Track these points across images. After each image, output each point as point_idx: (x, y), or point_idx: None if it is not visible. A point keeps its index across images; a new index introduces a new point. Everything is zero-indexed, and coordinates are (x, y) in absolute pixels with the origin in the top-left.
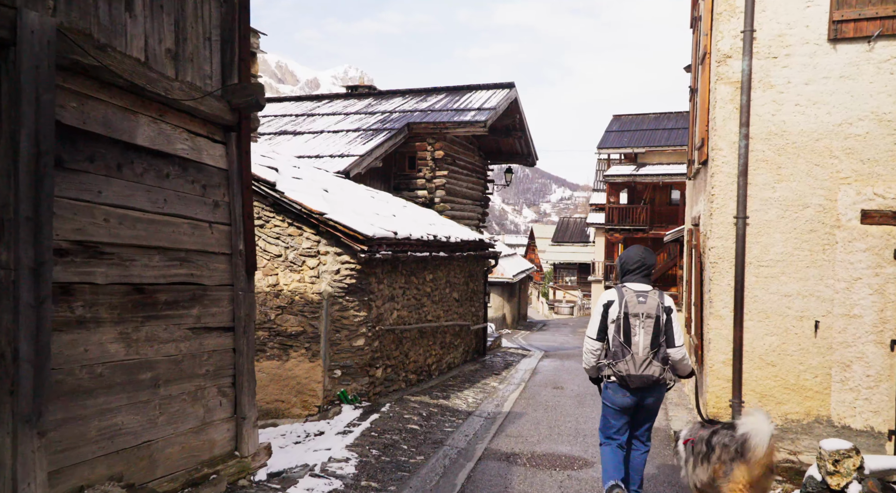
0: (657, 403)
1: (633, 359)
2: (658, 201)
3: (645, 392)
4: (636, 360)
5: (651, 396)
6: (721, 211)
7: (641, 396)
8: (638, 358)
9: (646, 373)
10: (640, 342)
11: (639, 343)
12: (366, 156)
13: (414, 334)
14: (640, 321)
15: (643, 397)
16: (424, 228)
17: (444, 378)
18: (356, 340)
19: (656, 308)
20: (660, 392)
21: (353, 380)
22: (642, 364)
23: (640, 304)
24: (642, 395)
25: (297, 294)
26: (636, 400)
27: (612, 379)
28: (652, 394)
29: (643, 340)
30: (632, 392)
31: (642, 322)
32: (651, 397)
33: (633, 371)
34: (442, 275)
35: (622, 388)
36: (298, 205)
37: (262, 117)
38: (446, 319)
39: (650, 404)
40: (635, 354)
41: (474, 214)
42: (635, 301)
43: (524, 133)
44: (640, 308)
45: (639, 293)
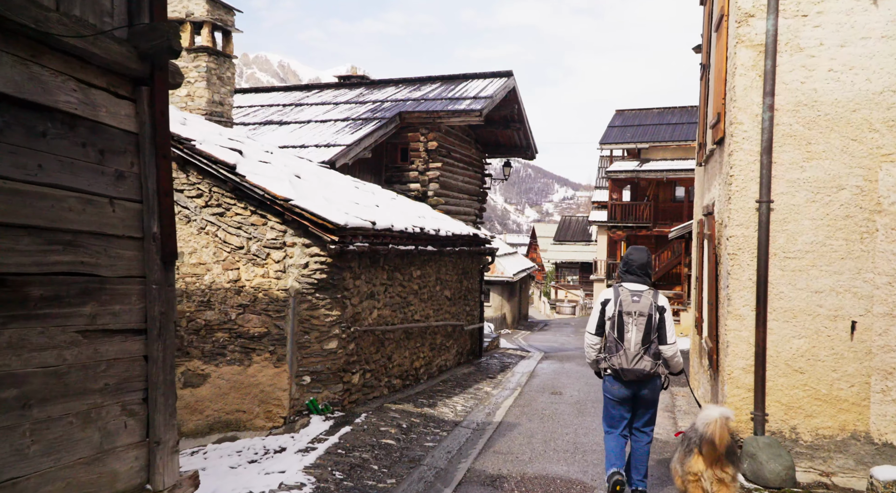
0: (652, 394)
1: (625, 354)
2: (662, 198)
3: (639, 384)
4: (628, 355)
5: (645, 388)
6: (741, 194)
7: (636, 387)
8: (630, 353)
9: (637, 367)
10: (632, 339)
11: (631, 339)
12: (353, 146)
13: (398, 335)
14: (633, 319)
15: (638, 388)
16: (411, 220)
17: (433, 383)
18: (328, 342)
19: (649, 307)
20: (654, 385)
21: (325, 387)
22: (634, 359)
23: (634, 303)
24: (637, 387)
25: (260, 291)
26: (632, 392)
27: (609, 372)
28: (646, 386)
29: (635, 336)
30: (626, 384)
31: (635, 320)
32: (645, 389)
33: (625, 365)
34: (431, 271)
35: (617, 380)
36: (261, 190)
37: (248, 107)
38: (436, 318)
39: (645, 396)
40: (627, 349)
41: (471, 209)
42: (630, 300)
43: (523, 124)
44: (633, 307)
45: (634, 293)
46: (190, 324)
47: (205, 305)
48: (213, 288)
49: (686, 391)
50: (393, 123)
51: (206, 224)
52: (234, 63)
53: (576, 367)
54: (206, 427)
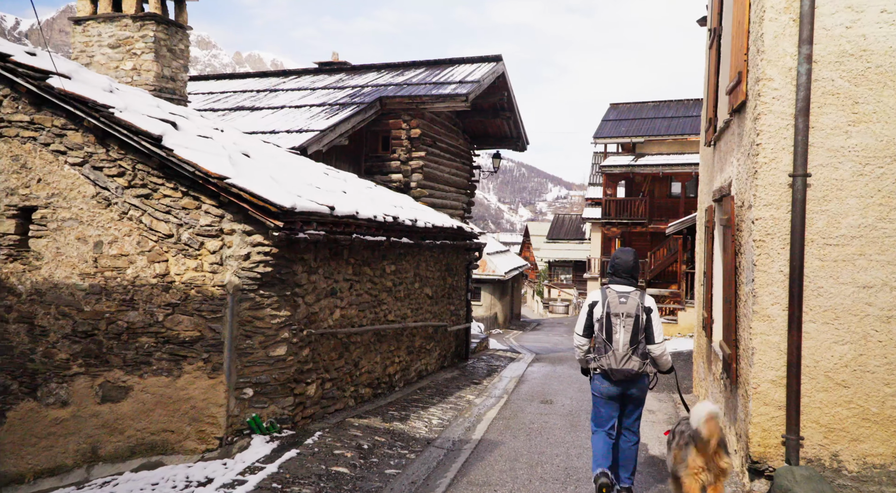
0: (640, 393)
1: (614, 354)
2: (657, 194)
3: (627, 384)
4: (617, 355)
5: (633, 387)
6: (770, 167)
7: (624, 387)
8: (619, 354)
9: (626, 367)
10: (620, 339)
11: (619, 340)
12: (327, 131)
13: (367, 338)
14: (621, 320)
15: (626, 387)
16: (384, 209)
17: (409, 391)
18: (275, 348)
19: (636, 308)
20: (642, 383)
21: (271, 401)
22: (622, 359)
23: (622, 304)
24: (625, 386)
25: (193, 287)
26: (620, 390)
27: (598, 372)
28: (634, 386)
29: (623, 337)
30: (615, 384)
31: (623, 321)
32: (633, 388)
33: (614, 365)
34: (408, 267)
35: (606, 380)
36: (191, 166)
37: (219, 93)
38: (415, 319)
39: (634, 395)
40: (616, 350)
41: (458, 203)
42: (617, 301)
43: (513, 113)
44: (621, 308)
45: (621, 294)
46: (109, 327)
47: (127, 304)
48: (136, 284)
49: (690, 399)
50: (373, 108)
51: (128, 208)
52: (188, 34)
53: (568, 370)
54: (128, 450)
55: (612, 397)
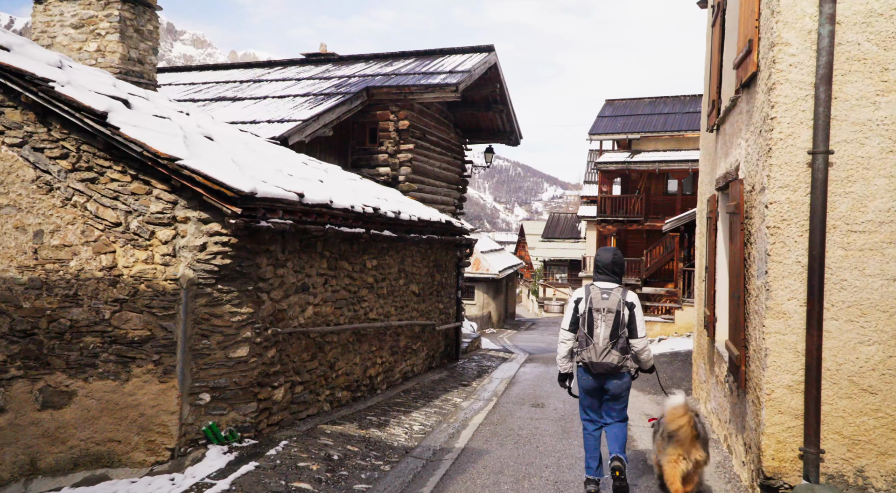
0: (621, 388)
1: (594, 348)
2: (654, 191)
3: (607, 377)
4: (597, 349)
5: (613, 381)
6: (786, 144)
7: (604, 380)
8: (598, 347)
9: (605, 361)
10: (600, 334)
11: (599, 334)
12: (310, 121)
13: (345, 337)
14: (602, 315)
15: (606, 381)
16: (365, 199)
17: (392, 393)
18: (235, 348)
19: (617, 304)
20: (622, 378)
21: (231, 408)
22: (602, 353)
23: (604, 300)
24: (605, 379)
25: (143, 281)
26: (599, 383)
27: (580, 365)
28: (613, 379)
29: (603, 331)
30: (595, 377)
31: (603, 316)
32: (613, 381)
33: (594, 359)
34: (392, 262)
35: (587, 373)
36: (139, 145)
37: (201, 84)
38: (399, 317)
39: (613, 388)
40: (596, 344)
41: (449, 198)
42: (599, 298)
43: (506, 106)
44: (602, 304)
45: (603, 290)
46: (51, 325)
47: (70, 300)
48: (81, 278)
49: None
50: (359, 98)
51: (72, 194)
52: (158, 15)
53: None
54: (70, 462)
55: (593, 390)
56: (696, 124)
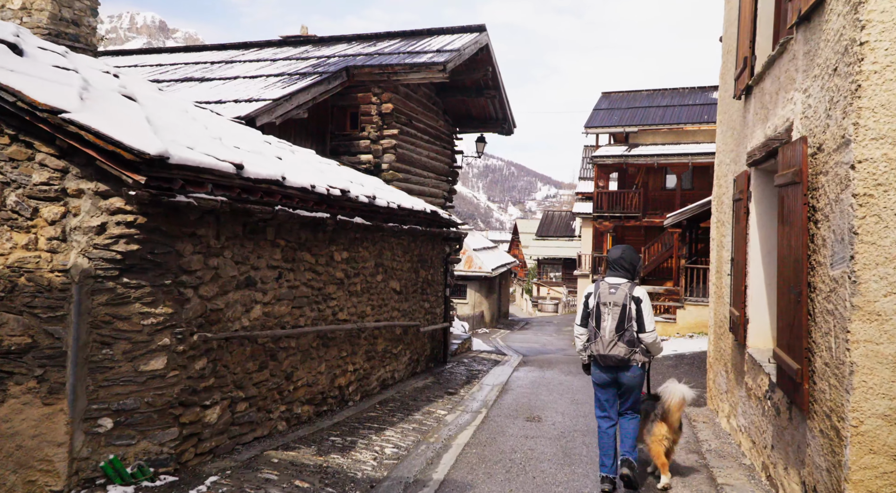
0: (632, 381)
1: (601, 341)
2: (652, 186)
3: (617, 370)
4: (604, 342)
5: (625, 373)
6: (883, 78)
7: (615, 373)
8: (605, 340)
9: (612, 353)
10: (607, 327)
11: (606, 327)
12: (282, 101)
13: (307, 342)
14: (609, 309)
15: (616, 373)
16: (333, 180)
17: (367, 405)
18: (148, 359)
19: (624, 298)
20: (632, 372)
21: (142, 436)
22: (609, 345)
23: (611, 294)
24: (615, 372)
25: (22, 273)
26: (611, 376)
27: (591, 358)
28: (625, 372)
29: (610, 324)
30: (605, 370)
31: (610, 310)
32: (625, 374)
33: (602, 351)
34: (367, 255)
35: (597, 366)
36: (13, 93)
37: (168, 65)
38: (377, 318)
39: (625, 381)
40: (603, 337)
41: (438, 190)
42: (607, 292)
43: (499, 92)
44: (609, 298)
45: (612, 285)
46: None
47: None
48: None
49: (704, 414)
50: (338, 78)
51: None
52: None
53: (559, 376)
54: None
55: (605, 384)
56: (696, 117)
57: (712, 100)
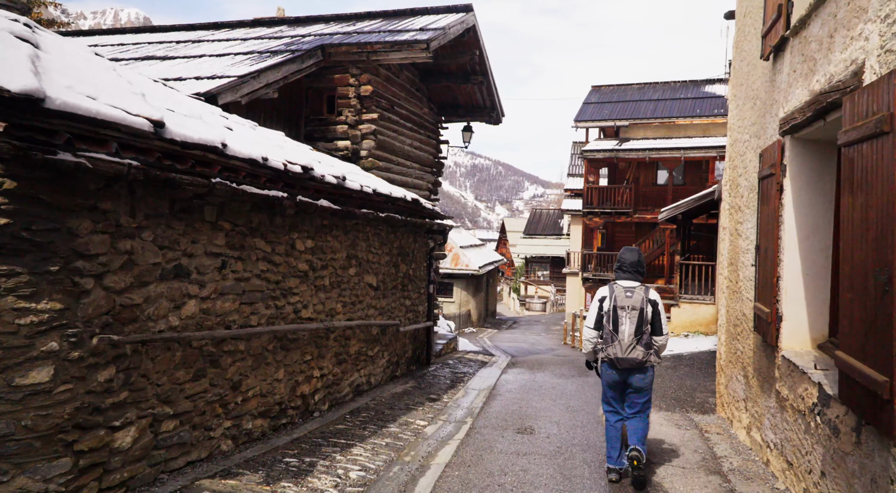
0: (644, 382)
1: (619, 344)
2: (643, 182)
3: (631, 372)
4: (622, 345)
5: (637, 375)
6: None
7: (628, 374)
8: (624, 344)
9: (630, 356)
10: (625, 331)
11: (625, 331)
12: (248, 78)
13: (260, 344)
14: (627, 313)
15: (629, 375)
16: (293, 156)
17: (335, 416)
18: (27, 370)
19: (641, 301)
20: (645, 373)
21: (19, 470)
22: (627, 349)
23: (628, 298)
24: (629, 374)
25: None
26: (623, 378)
27: (605, 361)
28: (638, 373)
29: (628, 328)
30: (619, 372)
31: (628, 314)
32: (637, 376)
33: (620, 354)
34: (338, 246)
35: (611, 369)
36: None
37: (131, 45)
38: (350, 316)
39: (637, 382)
40: (621, 340)
41: (422, 182)
42: (623, 296)
43: (486, 78)
44: (626, 302)
45: (627, 289)
46: None
47: None
48: None
49: (716, 423)
50: (312, 57)
51: None
52: None
53: (551, 379)
54: None
55: (617, 383)
56: (688, 111)
57: (704, 93)
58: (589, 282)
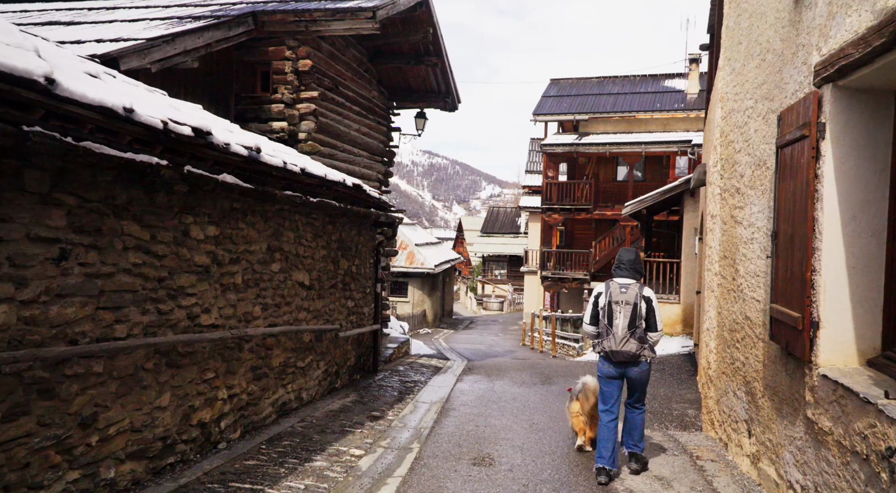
0: (641, 376)
1: (614, 338)
2: (603, 178)
3: (627, 365)
4: (616, 338)
5: (633, 369)
6: None
7: (624, 368)
8: (618, 337)
9: (624, 349)
10: (619, 324)
11: (619, 325)
12: (160, 42)
13: (132, 362)
14: (621, 308)
15: (626, 368)
16: (192, 120)
17: (247, 447)
18: None
19: (635, 297)
20: (641, 367)
21: None
22: (621, 342)
23: (622, 294)
24: (625, 367)
25: None
26: (620, 371)
27: (602, 354)
28: (633, 367)
29: (622, 322)
30: (615, 365)
31: (622, 308)
32: (633, 369)
33: (614, 347)
34: (254, 235)
35: (607, 361)
36: None
37: (36, 12)
38: (272, 320)
39: (634, 376)
40: (615, 334)
41: (372, 172)
42: (618, 292)
43: (441, 59)
44: (621, 297)
45: (622, 285)
46: None
47: None
48: None
49: (707, 446)
50: (242, 24)
51: None
52: None
53: (511, 387)
54: None
55: (614, 378)
56: (648, 105)
57: (664, 88)
58: (548, 281)
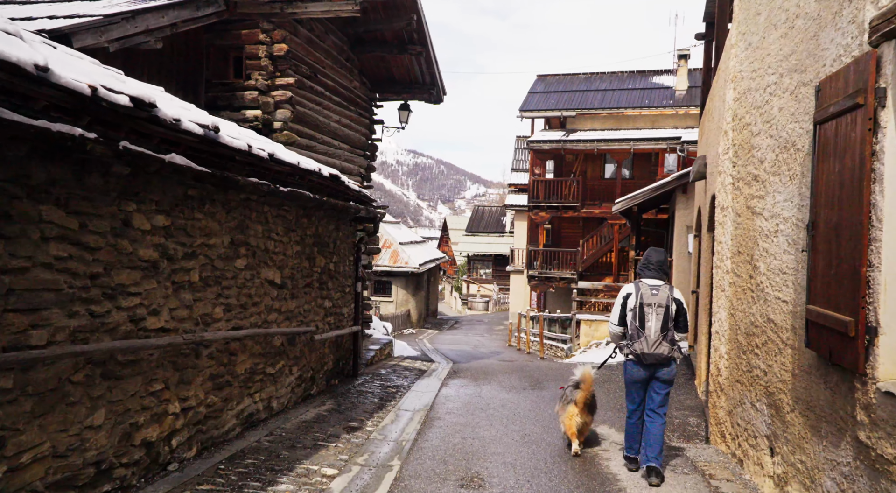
0: (669, 375)
1: (646, 340)
2: (590, 175)
3: (657, 367)
4: (649, 341)
5: (662, 369)
6: None
7: (654, 370)
8: (650, 340)
9: (657, 352)
10: (652, 327)
11: (651, 328)
12: (118, 19)
13: (52, 374)
14: (653, 310)
15: (656, 370)
16: (138, 92)
17: (203, 468)
18: None
19: (667, 299)
20: (670, 367)
21: None
22: (654, 344)
23: (654, 295)
24: (655, 369)
25: None
26: (649, 374)
27: (631, 357)
28: (662, 368)
29: (655, 325)
30: (645, 367)
31: (655, 311)
32: (663, 370)
33: (646, 350)
34: (216, 227)
35: (637, 364)
36: None
37: None
38: (237, 323)
39: (663, 376)
40: (648, 336)
41: (353, 166)
42: (649, 293)
43: (426, 48)
44: (653, 299)
45: (653, 287)
46: None
47: None
48: None
49: (719, 462)
50: (211, 4)
51: None
52: None
53: (500, 393)
54: None
55: (641, 381)
56: (636, 102)
57: (652, 85)
58: (535, 280)
